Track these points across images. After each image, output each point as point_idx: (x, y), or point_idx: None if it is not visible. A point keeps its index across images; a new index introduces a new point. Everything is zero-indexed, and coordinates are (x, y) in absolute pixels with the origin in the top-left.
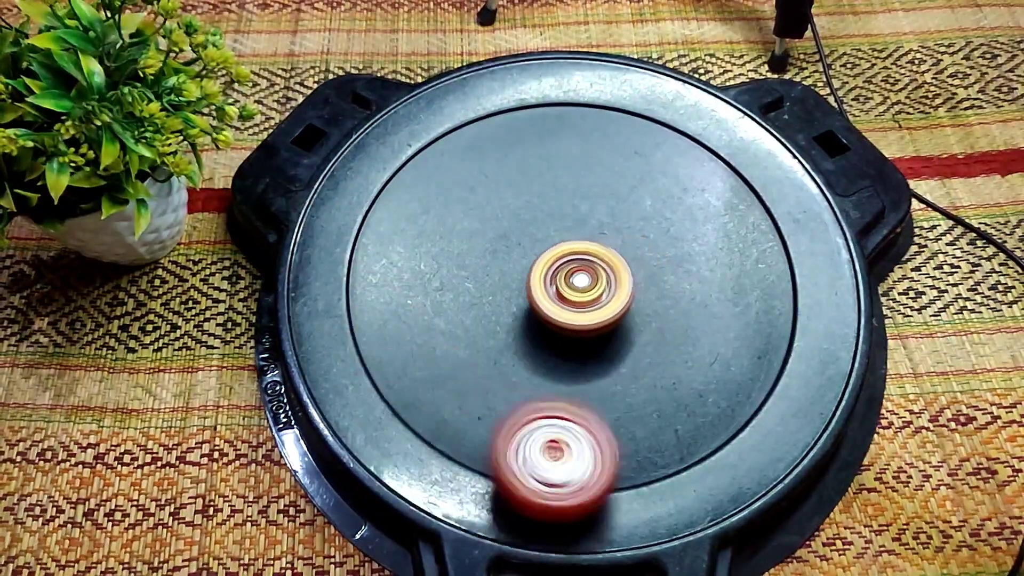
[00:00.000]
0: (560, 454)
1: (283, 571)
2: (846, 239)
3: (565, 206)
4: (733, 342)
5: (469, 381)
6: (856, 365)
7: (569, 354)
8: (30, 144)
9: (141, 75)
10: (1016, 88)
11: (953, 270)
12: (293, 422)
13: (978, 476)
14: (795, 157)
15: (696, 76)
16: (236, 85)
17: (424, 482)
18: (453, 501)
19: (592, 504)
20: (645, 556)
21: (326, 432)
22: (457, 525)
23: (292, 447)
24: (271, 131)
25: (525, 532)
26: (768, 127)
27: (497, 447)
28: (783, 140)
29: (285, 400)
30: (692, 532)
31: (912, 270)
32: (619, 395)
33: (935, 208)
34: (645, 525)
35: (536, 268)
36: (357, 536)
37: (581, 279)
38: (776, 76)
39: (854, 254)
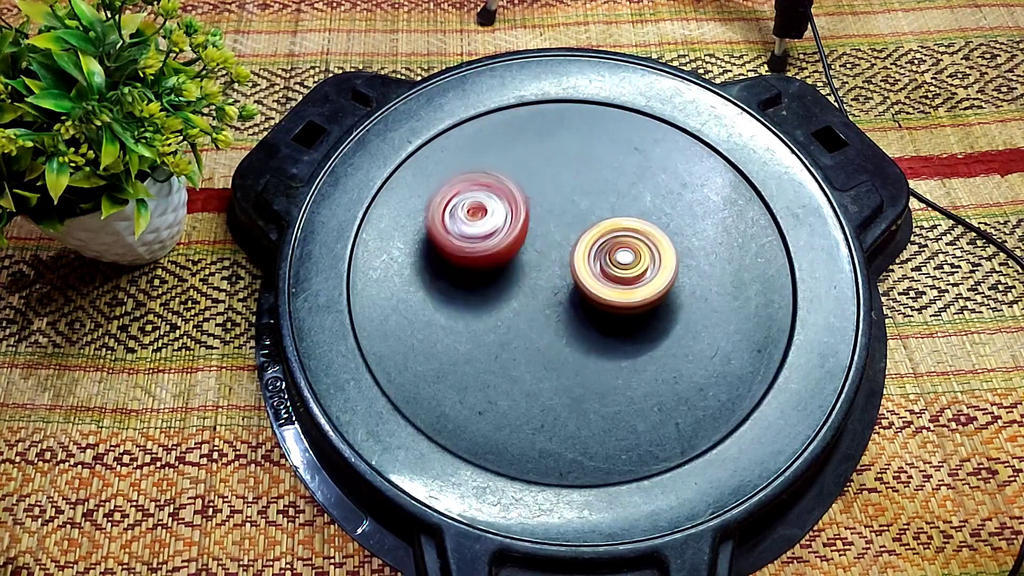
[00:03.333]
0: (481, 215)
1: (282, 572)
2: (845, 233)
3: (565, 202)
4: (733, 336)
5: (469, 376)
6: (855, 358)
7: (569, 348)
8: (30, 144)
9: (141, 75)
10: (1016, 88)
11: (953, 270)
12: (294, 418)
13: (978, 476)
14: (794, 152)
15: (695, 73)
16: (236, 85)
17: (425, 476)
18: (454, 495)
19: (504, 253)
20: (647, 549)
21: (327, 427)
22: (459, 519)
23: (293, 443)
24: (271, 129)
25: (527, 525)
26: (767, 123)
27: (431, 211)
28: (782, 136)
29: (286, 396)
30: (693, 525)
31: (912, 270)
32: (620, 389)
33: (935, 208)
34: (646, 518)
35: (580, 246)
36: (358, 531)
37: (625, 255)
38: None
39: (853, 248)
